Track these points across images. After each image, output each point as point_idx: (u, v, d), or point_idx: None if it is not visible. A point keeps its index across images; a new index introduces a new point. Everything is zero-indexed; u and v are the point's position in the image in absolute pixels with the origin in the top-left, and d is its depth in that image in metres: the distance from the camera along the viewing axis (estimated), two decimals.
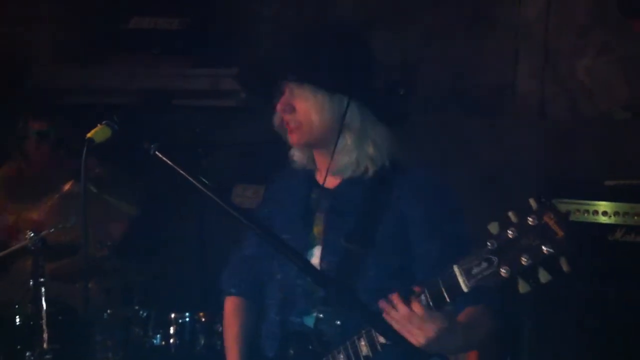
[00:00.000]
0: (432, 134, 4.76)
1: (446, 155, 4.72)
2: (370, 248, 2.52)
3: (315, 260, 2.58)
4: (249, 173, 5.18)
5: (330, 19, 4.82)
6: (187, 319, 4.26)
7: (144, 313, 4.29)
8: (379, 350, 2.33)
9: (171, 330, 4.26)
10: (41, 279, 3.90)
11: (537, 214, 1.97)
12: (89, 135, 2.26)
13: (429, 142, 4.61)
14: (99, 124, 2.29)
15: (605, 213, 3.78)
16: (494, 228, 2.04)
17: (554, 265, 1.96)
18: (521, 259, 1.99)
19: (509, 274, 2.02)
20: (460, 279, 2.11)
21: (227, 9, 5.58)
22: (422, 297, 2.20)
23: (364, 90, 2.56)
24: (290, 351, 2.57)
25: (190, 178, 2.22)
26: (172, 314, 4.26)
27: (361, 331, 2.36)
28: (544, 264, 1.97)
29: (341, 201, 2.61)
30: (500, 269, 2.03)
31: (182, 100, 5.52)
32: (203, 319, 4.24)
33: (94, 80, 5.63)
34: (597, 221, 3.79)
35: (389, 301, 2.23)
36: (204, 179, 2.24)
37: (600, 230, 3.77)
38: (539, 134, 4.83)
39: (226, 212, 2.20)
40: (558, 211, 1.96)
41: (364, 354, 2.35)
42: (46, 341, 3.87)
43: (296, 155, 2.72)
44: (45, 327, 3.88)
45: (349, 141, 2.57)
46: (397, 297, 2.22)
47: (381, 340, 2.30)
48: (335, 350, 2.43)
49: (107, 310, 4.27)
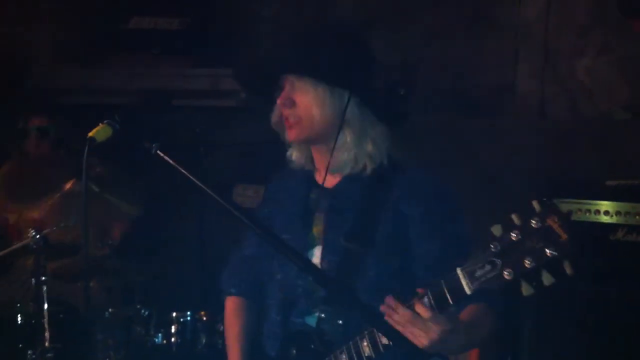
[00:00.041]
0: (432, 134, 4.75)
1: (446, 155, 4.72)
2: (371, 248, 2.51)
3: (315, 260, 2.57)
4: (249, 173, 5.18)
5: (330, 19, 4.82)
6: (188, 318, 4.25)
7: (146, 312, 4.28)
8: (381, 351, 2.32)
9: (172, 329, 4.25)
10: (43, 277, 3.91)
11: (541, 217, 1.97)
12: (90, 134, 2.25)
13: (429, 142, 4.61)
14: (100, 123, 2.28)
15: (607, 213, 3.77)
16: (497, 230, 2.04)
17: (557, 268, 1.96)
18: (524, 261, 1.99)
19: (512, 276, 2.02)
20: (464, 281, 2.11)
21: (227, 9, 5.58)
22: (425, 299, 2.20)
23: (364, 87, 2.55)
24: (293, 351, 2.56)
25: (191, 177, 2.22)
26: (174, 313, 4.26)
27: (364, 332, 2.36)
28: (548, 266, 1.97)
29: (340, 200, 2.61)
30: (504, 272, 2.03)
31: (182, 100, 5.52)
32: (204, 318, 4.24)
33: (94, 80, 5.63)
34: (599, 221, 3.77)
35: (392, 302, 2.22)
36: (204, 178, 2.25)
37: (601, 230, 3.75)
38: (539, 134, 4.83)
39: (227, 211, 2.19)
40: (562, 214, 1.96)
41: (366, 355, 2.35)
42: (48, 340, 3.88)
43: (294, 156, 2.71)
44: (47, 326, 3.88)
45: (348, 138, 2.56)
46: (400, 299, 2.22)
47: (384, 341, 2.30)
48: (338, 351, 2.43)
49: (109, 309, 4.27)
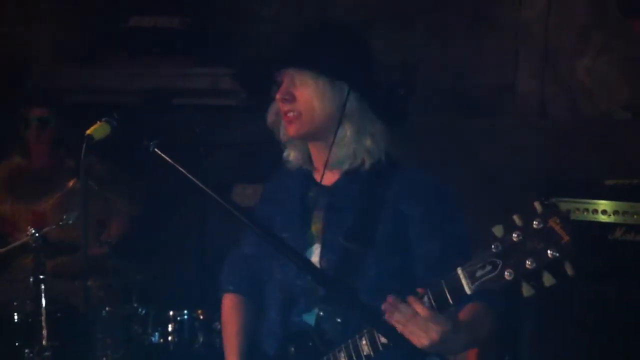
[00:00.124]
0: (432, 134, 4.75)
1: (446, 155, 4.72)
2: (370, 247, 2.50)
3: (314, 259, 2.56)
4: (249, 173, 5.17)
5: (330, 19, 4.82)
6: (185, 316, 4.25)
7: (143, 311, 4.28)
8: (380, 350, 2.31)
9: (170, 327, 4.25)
10: (42, 276, 3.90)
11: (542, 218, 1.97)
12: (88, 132, 2.26)
13: (429, 142, 4.61)
14: (98, 121, 2.29)
15: (605, 212, 3.77)
16: (498, 231, 2.03)
17: (558, 269, 1.96)
18: (526, 262, 1.99)
19: (513, 277, 2.02)
20: (464, 281, 2.11)
21: (227, 9, 5.58)
22: (425, 299, 2.19)
23: (364, 81, 2.54)
24: (292, 349, 2.55)
25: (189, 175, 2.22)
26: (171, 312, 4.26)
27: (363, 330, 2.35)
28: (549, 267, 1.97)
29: (339, 197, 2.60)
30: (505, 272, 2.03)
31: (182, 100, 5.52)
32: (201, 317, 4.24)
33: (94, 80, 5.64)
34: (597, 220, 3.77)
35: (392, 302, 2.22)
36: (204, 178, 2.24)
37: (600, 229, 3.75)
38: (539, 134, 4.84)
39: (226, 210, 2.19)
40: (563, 215, 1.96)
41: (365, 354, 2.34)
42: (45, 338, 3.88)
43: (291, 156, 2.69)
44: (45, 325, 3.88)
45: (348, 132, 2.54)
46: (400, 298, 2.21)
47: (383, 340, 2.29)
48: (337, 349, 2.42)
49: (107, 307, 4.28)
